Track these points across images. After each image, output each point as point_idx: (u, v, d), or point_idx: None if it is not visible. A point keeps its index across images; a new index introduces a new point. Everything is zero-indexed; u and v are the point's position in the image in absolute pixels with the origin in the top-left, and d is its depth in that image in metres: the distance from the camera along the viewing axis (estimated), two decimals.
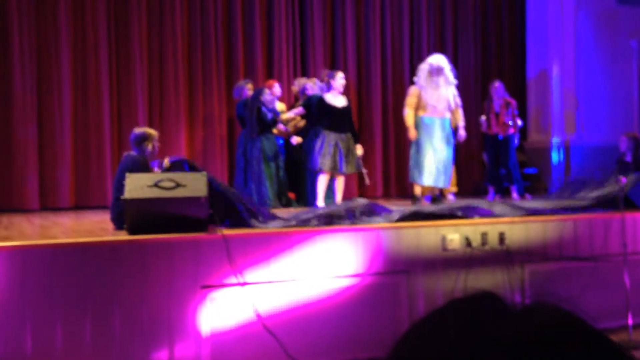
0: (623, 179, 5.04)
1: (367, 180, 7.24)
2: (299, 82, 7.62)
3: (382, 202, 7.60)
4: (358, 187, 8.53)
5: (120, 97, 7.90)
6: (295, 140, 7.17)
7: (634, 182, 5.47)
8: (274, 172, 7.05)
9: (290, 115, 7.24)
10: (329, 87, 6.70)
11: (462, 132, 6.99)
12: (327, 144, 6.44)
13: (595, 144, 9.14)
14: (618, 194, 4.96)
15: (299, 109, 7.17)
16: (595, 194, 5.40)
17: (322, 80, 7.22)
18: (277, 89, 7.56)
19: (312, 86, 7.29)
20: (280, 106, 7.49)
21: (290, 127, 7.39)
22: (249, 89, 7.38)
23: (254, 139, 7.02)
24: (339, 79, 6.67)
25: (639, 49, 9.68)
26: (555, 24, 9.43)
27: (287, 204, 7.13)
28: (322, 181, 6.51)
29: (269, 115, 7.04)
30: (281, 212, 5.57)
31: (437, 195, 7.86)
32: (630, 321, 4.65)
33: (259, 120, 7.00)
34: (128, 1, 7.88)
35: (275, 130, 7.23)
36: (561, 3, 9.39)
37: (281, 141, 7.48)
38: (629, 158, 6.62)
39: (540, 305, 0.64)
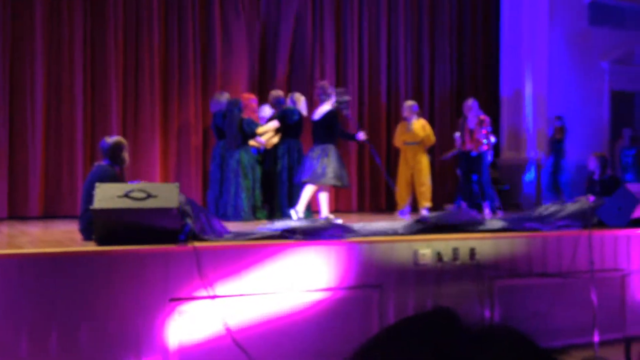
0: (591, 198, 5.13)
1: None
2: (275, 94, 7.63)
3: (357, 216, 7.65)
4: (335, 202, 8.56)
5: (94, 106, 7.82)
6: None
7: (602, 201, 5.57)
8: (251, 184, 7.04)
9: (267, 127, 7.24)
10: (324, 98, 6.79)
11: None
12: (312, 156, 6.53)
13: (568, 162, 9.31)
14: (586, 212, 5.05)
15: (274, 122, 7.18)
16: (564, 212, 5.48)
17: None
18: (254, 102, 7.57)
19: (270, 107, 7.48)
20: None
21: (266, 140, 7.40)
22: (227, 101, 7.37)
23: (232, 150, 6.99)
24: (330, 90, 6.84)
25: (610, 69, 9.92)
26: (529, 44, 9.62)
27: (262, 216, 7.11)
28: (322, 197, 6.57)
29: (251, 127, 7.05)
30: (254, 224, 5.55)
31: (408, 208, 7.94)
32: (596, 338, 4.71)
33: (241, 132, 6.99)
34: (104, 10, 7.84)
35: (252, 142, 7.23)
36: (535, 23, 9.59)
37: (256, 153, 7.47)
38: (597, 177, 6.75)
39: (496, 327, 0.64)
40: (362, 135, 7.04)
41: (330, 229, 4.69)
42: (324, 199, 6.59)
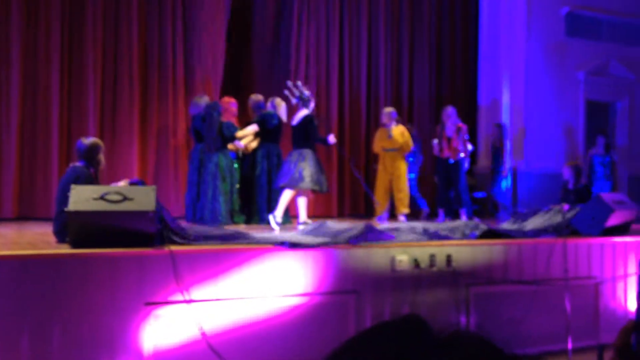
0: (565, 207, 5.21)
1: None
2: (255, 98, 7.62)
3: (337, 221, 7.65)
4: (314, 206, 8.55)
5: (70, 106, 7.72)
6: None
7: (577, 210, 5.66)
8: (229, 188, 7.00)
9: (246, 131, 7.22)
10: (311, 109, 6.81)
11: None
12: (290, 160, 6.52)
13: (542, 171, 9.44)
14: (561, 221, 5.12)
15: (253, 126, 7.16)
16: (539, 221, 5.55)
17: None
18: (233, 106, 7.55)
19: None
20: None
21: (245, 144, 7.37)
22: (206, 104, 7.33)
23: (211, 154, 6.95)
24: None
25: (585, 80, 10.09)
26: (506, 54, 9.75)
27: (240, 220, 7.08)
28: (286, 196, 6.53)
29: (231, 131, 7.02)
30: (232, 228, 5.52)
31: (387, 214, 7.97)
32: (570, 345, 4.77)
33: (219, 135, 6.96)
34: (83, 10, 7.75)
35: (231, 147, 7.20)
36: (512, 34, 9.71)
37: (234, 157, 7.44)
38: (571, 186, 6.85)
39: (463, 334, 0.64)
40: (332, 139, 7.03)
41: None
42: (302, 203, 6.58)
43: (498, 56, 9.81)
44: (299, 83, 7.04)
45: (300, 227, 6.14)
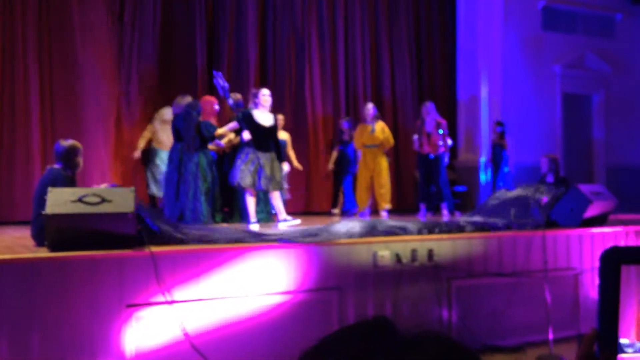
0: (544, 199, 5.26)
1: (287, 196, 7.40)
2: (234, 97, 7.58)
3: (320, 219, 7.65)
4: (295, 203, 8.55)
5: (53, 109, 7.61)
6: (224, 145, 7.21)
7: (555, 202, 5.72)
8: (210, 188, 6.97)
9: (225, 129, 7.18)
10: (256, 105, 6.67)
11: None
12: (250, 161, 6.42)
13: (521, 165, 9.53)
14: (539, 213, 5.17)
15: (233, 124, 7.13)
16: (518, 213, 5.60)
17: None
18: (214, 106, 7.50)
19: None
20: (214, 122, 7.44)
21: (225, 143, 7.34)
22: (186, 104, 7.28)
23: (190, 153, 6.91)
24: (263, 96, 6.67)
25: (562, 73, 10.20)
26: (484, 49, 9.82)
27: (221, 220, 7.05)
28: (249, 200, 6.48)
29: (209, 130, 6.98)
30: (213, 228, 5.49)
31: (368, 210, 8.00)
32: (551, 336, 4.83)
33: (198, 135, 6.92)
34: (62, 8, 7.63)
35: (211, 146, 7.16)
36: (490, 28, 9.78)
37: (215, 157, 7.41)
38: (550, 179, 6.92)
39: (429, 334, 0.65)
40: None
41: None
42: (251, 201, 6.57)
43: (476, 51, 9.88)
44: (221, 73, 6.91)
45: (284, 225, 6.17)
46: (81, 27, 7.77)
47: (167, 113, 7.84)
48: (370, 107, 8.24)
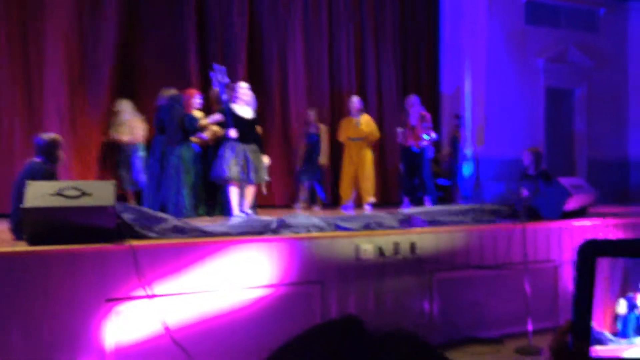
0: (525, 192, 5.30)
1: (264, 190, 7.36)
2: (215, 91, 7.54)
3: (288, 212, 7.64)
4: (261, 197, 8.52)
5: (33, 101, 7.52)
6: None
7: (536, 195, 5.77)
8: (194, 180, 6.94)
9: (207, 121, 7.15)
10: (235, 99, 6.67)
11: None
12: (237, 154, 6.42)
13: (504, 158, 9.59)
14: (521, 205, 5.21)
15: (216, 116, 7.10)
16: (500, 206, 5.65)
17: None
18: (197, 99, 7.46)
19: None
20: (198, 114, 7.39)
21: (209, 136, 7.31)
22: (169, 96, 7.25)
23: (173, 146, 6.88)
24: (242, 90, 6.68)
25: (545, 67, 10.26)
26: (468, 42, 9.84)
27: (204, 213, 7.03)
28: (233, 192, 6.47)
29: (192, 123, 6.95)
30: (197, 221, 5.47)
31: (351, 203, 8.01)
32: (530, 327, 4.88)
33: (181, 127, 6.88)
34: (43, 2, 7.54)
35: (194, 139, 7.13)
36: (474, 22, 9.81)
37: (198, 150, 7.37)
38: (532, 171, 6.97)
39: (397, 333, 0.65)
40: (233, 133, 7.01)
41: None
42: (235, 194, 6.57)
43: (460, 45, 9.90)
44: (224, 68, 6.88)
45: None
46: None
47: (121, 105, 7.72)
48: (355, 100, 8.24)
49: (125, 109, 7.72)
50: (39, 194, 3.78)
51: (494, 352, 4.76)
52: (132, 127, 7.65)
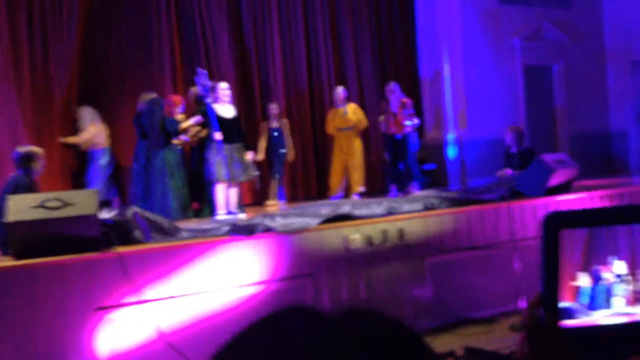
0: (508, 171, 5.33)
1: (257, 185, 7.35)
2: (195, 91, 7.51)
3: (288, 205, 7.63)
4: (253, 194, 8.49)
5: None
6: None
7: (519, 174, 5.81)
8: (180, 183, 6.93)
9: (189, 123, 7.13)
10: (215, 99, 6.65)
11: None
12: (222, 155, 6.41)
13: (487, 138, 9.63)
14: (505, 185, 5.25)
15: (197, 117, 7.07)
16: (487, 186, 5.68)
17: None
18: (180, 108, 7.42)
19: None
20: (178, 117, 7.36)
21: (191, 137, 7.28)
22: (149, 100, 7.19)
23: (157, 150, 6.85)
24: (222, 90, 6.67)
25: (521, 46, 10.31)
26: (443, 25, 9.86)
27: (191, 215, 7.01)
28: (219, 191, 6.47)
29: (173, 125, 6.92)
30: (184, 223, 5.45)
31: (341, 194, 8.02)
32: (521, 305, 4.92)
33: (162, 131, 6.85)
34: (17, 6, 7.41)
35: (176, 141, 7.10)
36: (448, 3, 9.81)
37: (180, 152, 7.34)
38: (514, 150, 7.01)
39: (356, 311, 0.64)
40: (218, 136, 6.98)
41: None
42: (220, 194, 6.56)
43: (436, 27, 9.91)
44: (206, 72, 6.85)
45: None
46: None
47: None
48: (340, 90, 8.24)
49: (86, 115, 7.54)
50: (20, 207, 3.75)
51: (488, 331, 4.79)
52: (91, 133, 7.46)
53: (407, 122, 8.04)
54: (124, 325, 3.91)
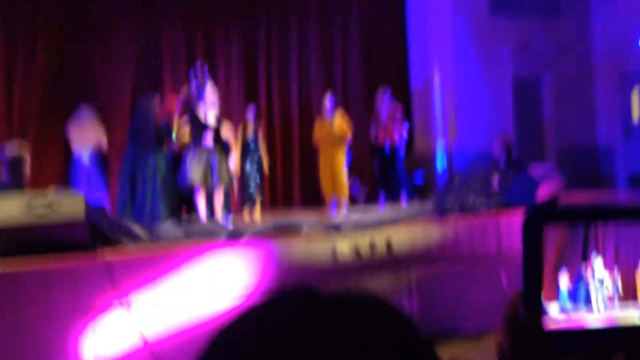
0: (496, 179, 5.36)
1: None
2: (185, 92, 7.48)
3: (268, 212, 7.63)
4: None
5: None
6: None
7: (508, 185, 5.84)
8: (169, 188, 6.90)
9: (183, 129, 7.11)
10: (201, 101, 6.65)
11: None
12: (199, 159, 6.40)
13: (476, 149, 9.68)
14: (493, 196, 5.28)
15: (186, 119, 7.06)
16: (472, 197, 5.70)
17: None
18: (173, 104, 7.40)
19: None
20: (176, 122, 7.33)
21: (178, 147, 7.25)
22: (142, 103, 7.18)
23: (147, 154, 6.82)
24: (207, 92, 6.65)
25: (511, 57, 10.38)
26: (435, 35, 9.91)
27: (181, 220, 6.97)
28: (199, 198, 6.45)
29: (169, 131, 6.91)
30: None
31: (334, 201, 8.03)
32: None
33: (155, 135, 6.83)
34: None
35: (166, 146, 7.09)
36: (439, 14, 9.87)
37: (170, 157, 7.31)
38: (502, 159, 7.06)
39: (344, 292, 0.65)
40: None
41: None
42: (200, 199, 6.56)
43: (427, 37, 9.96)
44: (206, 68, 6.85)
45: None
46: None
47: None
48: (327, 100, 8.19)
49: (82, 114, 7.47)
50: (6, 212, 3.71)
51: (474, 345, 4.80)
52: (84, 132, 7.40)
53: (397, 133, 8.06)
54: (109, 333, 3.88)
